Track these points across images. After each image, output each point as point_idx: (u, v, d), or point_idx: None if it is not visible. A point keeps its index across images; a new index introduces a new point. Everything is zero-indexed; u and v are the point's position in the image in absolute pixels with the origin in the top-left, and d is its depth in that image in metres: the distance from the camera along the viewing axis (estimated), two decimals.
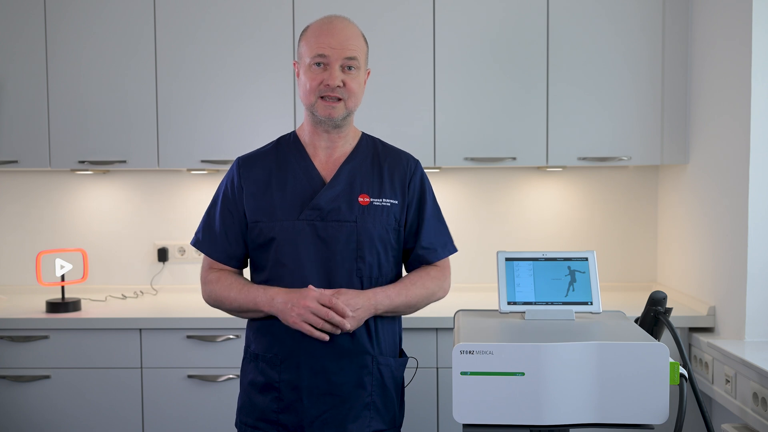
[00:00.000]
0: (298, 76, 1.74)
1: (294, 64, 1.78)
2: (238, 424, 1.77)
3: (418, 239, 1.79)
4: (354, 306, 1.63)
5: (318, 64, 1.67)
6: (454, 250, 1.86)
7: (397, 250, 1.77)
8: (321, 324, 1.60)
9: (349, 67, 1.68)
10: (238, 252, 1.78)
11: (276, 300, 1.65)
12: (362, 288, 1.70)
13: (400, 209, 1.76)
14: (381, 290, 1.70)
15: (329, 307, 1.60)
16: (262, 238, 1.72)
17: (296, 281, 1.68)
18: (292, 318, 1.61)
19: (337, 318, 1.60)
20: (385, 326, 1.75)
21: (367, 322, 1.70)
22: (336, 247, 1.69)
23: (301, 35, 1.74)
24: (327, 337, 1.62)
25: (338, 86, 1.66)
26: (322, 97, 1.68)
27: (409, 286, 1.74)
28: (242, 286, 1.72)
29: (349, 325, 1.61)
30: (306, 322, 1.60)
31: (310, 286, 1.64)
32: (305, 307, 1.60)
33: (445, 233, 1.85)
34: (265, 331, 1.73)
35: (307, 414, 1.69)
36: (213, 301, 1.78)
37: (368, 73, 1.78)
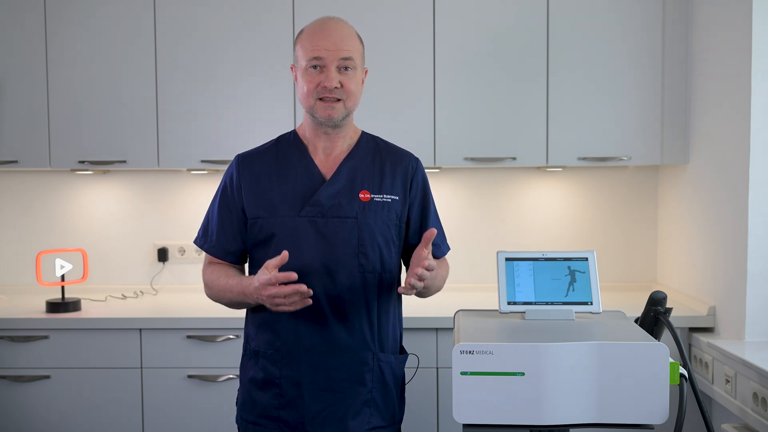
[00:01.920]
0: (296, 80, 1.74)
1: (291, 68, 1.78)
2: (239, 420, 1.78)
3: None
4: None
5: (314, 66, 1.67)
6: (449, 248, 1.92)
7: (399, 246, 1.78)
8: (289, 302, 1.56)
9: (346, 68, 1.68)
10: (234, 247, 1.78)
11: (253, 296, 1.63)
12: (366, 284, 1.71)
13: (401, 205, 1.76)
14: None
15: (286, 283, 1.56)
16: (263, 234, 1.72)
17: (298, 278, 1.66)
18: (272, 308, 1.59)
19: (286, 289, 1.54)
20: (385, 322, 1.76)
21: (368, 316, 1.71)
22: (337, 244, 1.70)
23: (296, 39, 1.74)
24: (309, 302, 1.59)
25: (336, 87, 1.66)
26: (320, 99, 1.68)
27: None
28: (228, 278, 1.72)
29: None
30: (281, 306, 1.57)
31: (259, 277, 1.59)
32: (267, 296, 1.57)
33: (443, 231, 1.89)
34: (266, 327, 1.73)
35: (307, 410, 1.69)
36: (210, 295, 1.79)
37: (366, 72, 1.78)
